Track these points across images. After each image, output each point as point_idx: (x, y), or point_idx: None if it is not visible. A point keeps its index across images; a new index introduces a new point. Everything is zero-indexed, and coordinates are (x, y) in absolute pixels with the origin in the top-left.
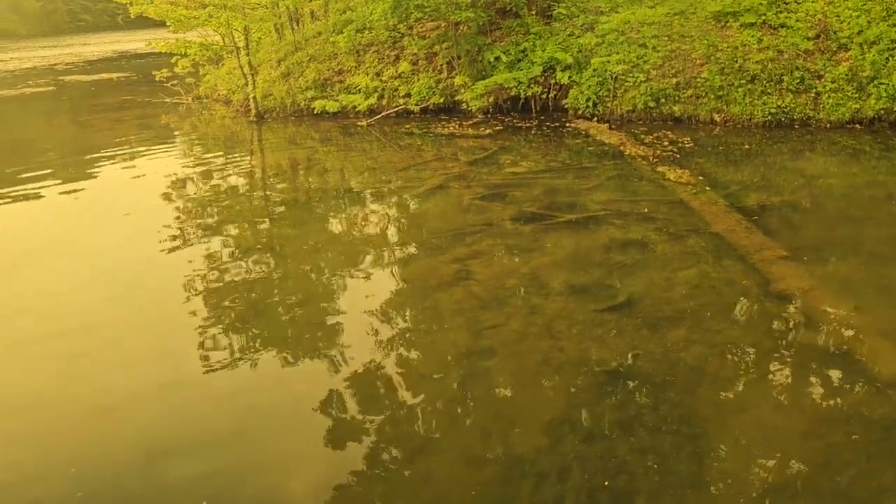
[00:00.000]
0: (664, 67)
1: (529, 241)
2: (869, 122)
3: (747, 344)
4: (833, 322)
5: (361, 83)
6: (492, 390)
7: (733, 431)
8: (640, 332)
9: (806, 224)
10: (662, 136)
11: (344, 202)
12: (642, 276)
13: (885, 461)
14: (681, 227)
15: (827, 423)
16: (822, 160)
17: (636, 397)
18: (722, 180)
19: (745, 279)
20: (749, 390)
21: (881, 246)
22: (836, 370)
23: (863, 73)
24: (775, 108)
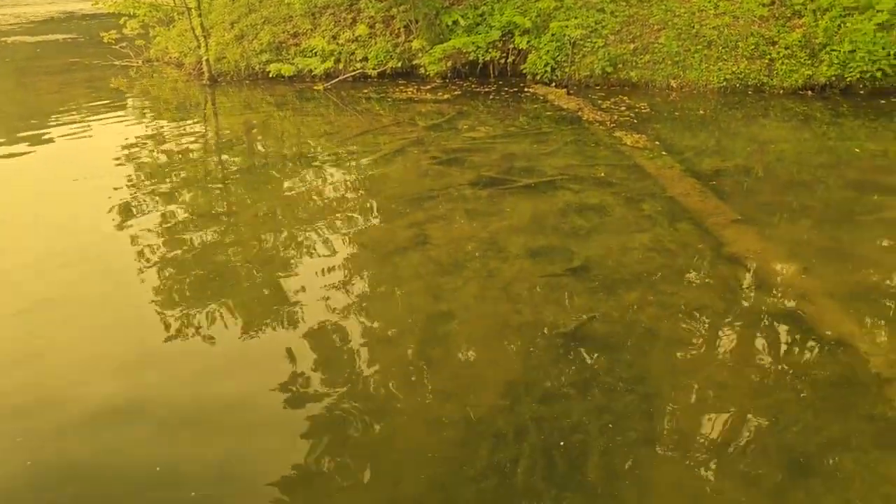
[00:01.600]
0: (622, 33)
1: (487, 205)
2: (820, 88)
3: (700, 305)
4: (783, 284)
5: (318, 46)
6: (450, 353)
7: (685, 390)
8: (596, 295)
9: (758, 188)
10: (620, 102)
11: (301, 167)
12: (599, 240)
13: (830, 416)
14: (637, 192)
15: (776, 381)
16: (774, 126)
17: (592, 359)
18: (678, 145)
19: (699, 242)
20: (701, 350)
21: (830, 210)
22: (785, 330)
23: (815, 39)
24: (730, 74)
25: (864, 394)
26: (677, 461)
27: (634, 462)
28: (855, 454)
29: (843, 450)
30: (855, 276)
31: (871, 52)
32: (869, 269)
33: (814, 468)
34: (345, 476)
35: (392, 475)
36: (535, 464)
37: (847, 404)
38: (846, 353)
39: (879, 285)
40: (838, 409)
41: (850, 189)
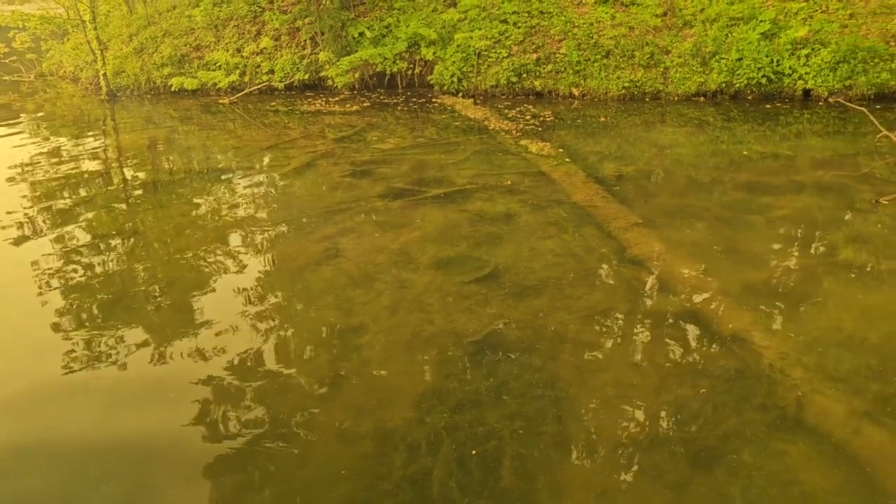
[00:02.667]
0: (525, 43)
1: (398, 216)
2: (712, 94)
3: (606, 308)
4: (682, 283)
5: (221, 59)
6: (364, 367)
7: (593, 391)
8: (506, 302)
9: (658, 192)
10: (525, 111)
11: (208, 183)
12: (508, 247)
13: (728, 410)
14: (543, 199)
15: (677, 377)
16: (671, 131)
17: (503, 365)
18: (581, 152)
19: (603, 246)
20: (608, 352)
21: (725, 210)
22: (685, 328)
23: (706, 48)
24: (628, 83)
25: (757, 385)
26: (587, 460)
27: (547, 464)
28: (752, 444)
29: (741, 440)
30: (748, 274)
31: (756, 60)
32: (761, 267)
33: (715, 460)
34: (257, 499)
35: (305, 495)
36: (450, 473)
37: (743, 396)
38: (741, 347)
39: (770, 281)
40: (735, 401)
41: (742, 190)
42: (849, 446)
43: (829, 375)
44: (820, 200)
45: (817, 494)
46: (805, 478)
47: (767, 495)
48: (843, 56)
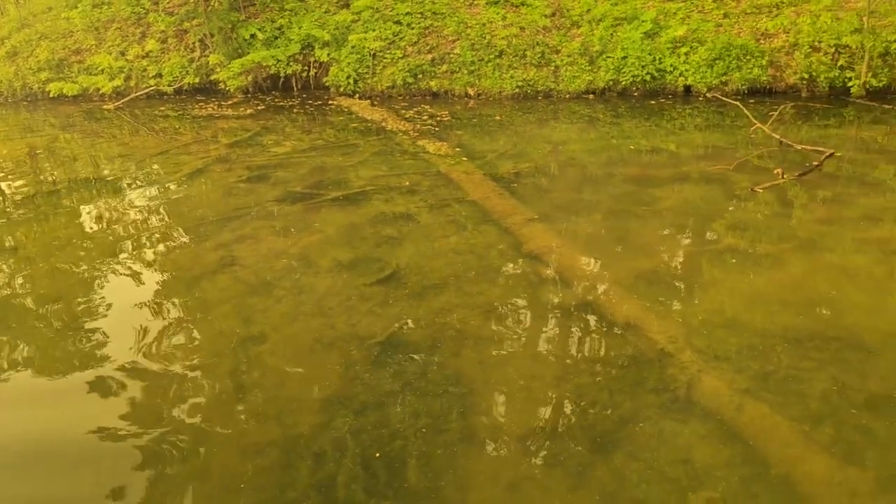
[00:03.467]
0: (419, 44)
1: (297, 221)
2: (601, 92)
3: (505, 303)
4: (578, 275)
5: (104, 63)
6: (265, 376)
7: (496, 385)
8: (407, 302)
9: (553, 187)
10: (422, 111)
11: (94, 192)
12: (408, 248)
13: (624, 395)
14: (442, 198)
15: (576, 366)
16: (564, 128)
17: (406, 365)
18: (478, 151)
19: (501, 243)
20: (509, 345)
21: (616, 203)
22: (582, 318)
23: (593, 48)
24: (521, 82)
25: (650, 370)
26: (492, 454)
27: (452, 461)
28: (647, 427)
29: (637, 424)
30: (639, 263)
31: (639, 59)
32: (651, 256)
33: (614, 444)
34: None
35: None
36: (355, 477)
37: (637, 381)
38: (634, 334)
39: (659, 270)
40: (630, 386)
41: (632, 184)
42: (734, 423)
43: (715, 356)
44: (702, 191)
45: (708, 471)
46: (697, 456)
47: (663, 475)
48: (719, 53)
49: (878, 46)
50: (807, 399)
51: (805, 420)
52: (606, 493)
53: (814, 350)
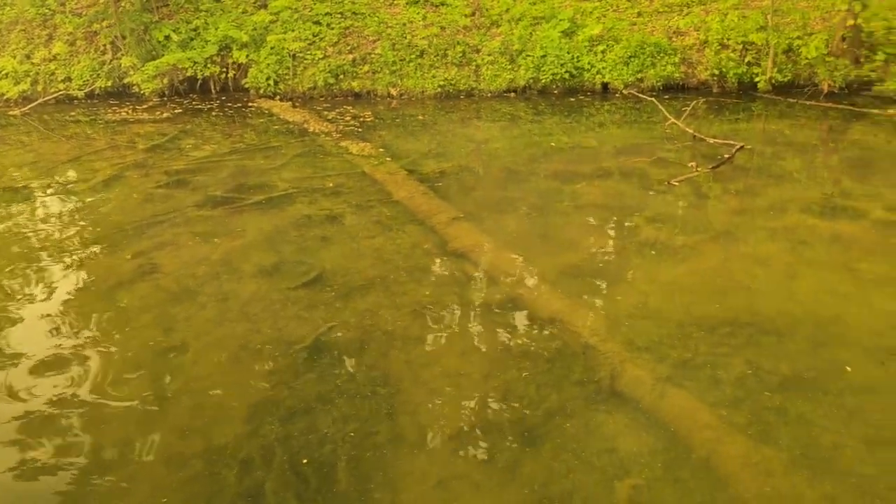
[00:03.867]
0: (340, 44)
1: (218, 226)
2: (522, 90)
3: (432, 302)
4: (503, 271)
5: (8, 67)
6: (190, 384)
7: (425, 385)
8: (334, 305)
9: (477, 185)
10: (345, 112)
11: (2, 202)
12: (333, 250)
13: (550, 389)
14: (366, 199)
15: (503, 362)
16: (487, 126)
17: (334, 369)
18: (401, 150)
19: (426, 242)
20: (436, 344)
21: (539, 199)
22: (508, 314)
23: (513, 46)
24: (443, 81)
25: (575, 363)
26: (422, 453)
27: (382, 462)
28: (574, 418)
29: (563, 416)
30: (562, 258)
31: (558, 57)
32: (573, 250)
33: (542, 437)
34: None
35: None
36: (285, 484)
37: (563, 375)
38: (559, 328)
39: (582, 264)
40: (556, 380)
41: (553, 180)
42: (656, 410)
43: (636, 347)
44: (622, 185)
45: (633, 458)
46: (622, 444)
47: (590, 465)
48: (634, 51)
49: (781, 43)
50: (724, 384)
51: (723, 404)
52: (536, 486)
53: (729, 336)
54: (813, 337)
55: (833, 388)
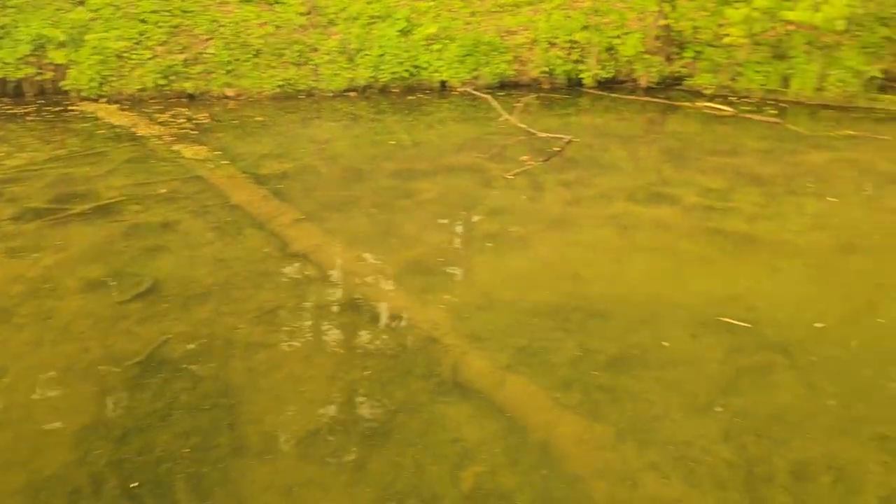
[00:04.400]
0: (170, 44)
1: (36, 240)
2: (362, 89)
3: (274, 306)
4: (346, 271)
5: None
6: (8, 413)
7: (268, 392)
8: (169, 316)
9: (319, 186)
10: (178, 114)
11: None
12: (167, 259)
13: (395, 385)
14: (202, 204)
15: (347, 363)
16: (328, 126)
17: (172, 382)
18: (240, 153)
19: (266, 246)
20: (279, 350)
21: (382, 197)
22: (351, 314)
23: (351, 45)
24: (282, 81)
25: (418, 357)
26: (267, 462)
27: (225, 475)
28: (419, 413)
29: (408, 412)
30: (404, 254)
31: (396, 56)
32: (414, 246)
33: (388, 434)
34: None
35: None
36: None
37: (406, 370)
38: (402, 323)
39: (423, 259)
40: (401, 376)
41: (395, 178)
42: (497, 398)
43: (476, 337)
44: (461, 181)
45: (477, 446)
46: (466, 434)
47: (436, 457)
48: (469, 50)
49: (603, 42)
50: (557, 367)
51: (556, 387)
52: (384, 484)
53: (562, 321)
54: (637, 316)
55: (654, 363)
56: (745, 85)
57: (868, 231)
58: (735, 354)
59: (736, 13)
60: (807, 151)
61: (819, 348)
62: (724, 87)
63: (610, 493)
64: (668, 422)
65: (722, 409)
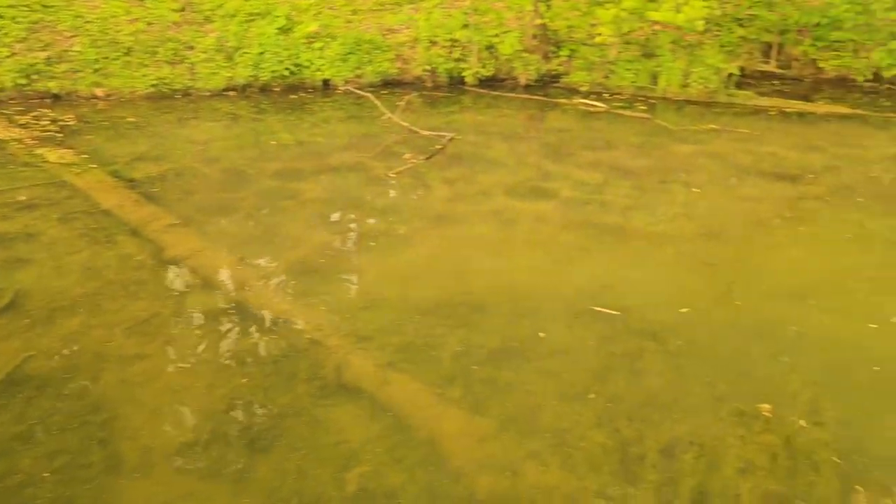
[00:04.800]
0: (30, 41)
1: None
2: (242, 88)
3: (149, 316)
4: (225, 276)
5: None
6: None
7: (144, 404)
8: (33, 331)
9: (196, 189)
10: (41, 115)
11: None
12: (30, 270)
13: (278, 391)
14: (68, 211)
15: (229, 370)
16: (207, 126)
17: (35, 402)
18: (110, 156)
19: (140, 253)
20: (155, 360)
21: (264, 199)
22: (232, 319)
23: (228, 43)
24: (156, 80)
25: (301, 361)
26: (143, 479)
27: (97, 496)
28: (303, 417)
29: (293, 417)
30: (286, 256)
31: (276, 54)
32: (297, 248)
33: (272, 441)
34: None
35: None
36: None
37: (290, 375)
38: (284, 327)
39: (307, 260)
40: (284, 381)
41: (277, 179)
42: (381, 397)
43: (360, 337)
44: (345, 180)
45: (362, 446)
46: (351, 436)
47: (320, 460)
48: (351, 48)
49: (482, 41)
50: (440, 363)
51: (439, 382)
52: (268, 492)
53: (445, 317)
54: (516, 309)
55: (533, 354)
56: (618, 82)
57: (728, 219)
58: (608, 342)
59: (606, 13)
60: (674, 145)
61: (685, 332)
62: (598, 85)
63: (492, 484)
64: (547, 410)
65: (596, 396)
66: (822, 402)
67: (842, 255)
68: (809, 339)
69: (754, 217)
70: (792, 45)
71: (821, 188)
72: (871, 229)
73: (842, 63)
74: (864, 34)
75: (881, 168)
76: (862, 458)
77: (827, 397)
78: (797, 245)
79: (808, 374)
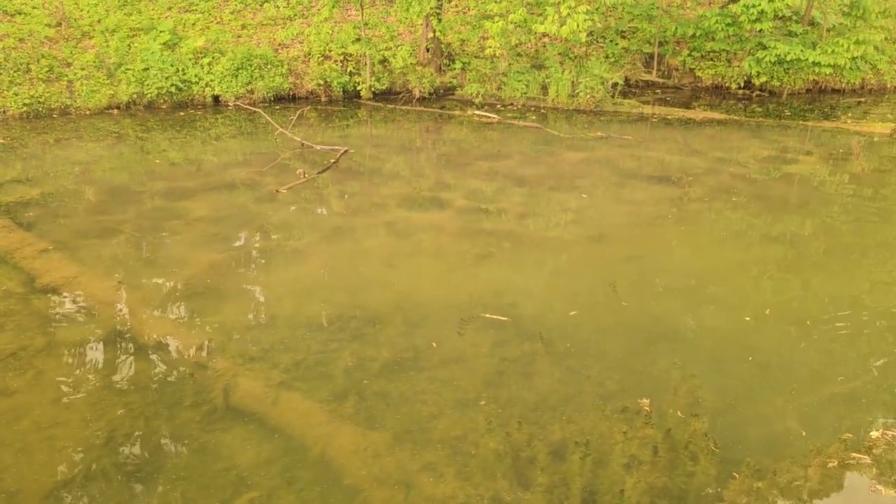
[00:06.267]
0: None
1: None
2: (125, 106)
3: (18, 348)
4: (102, 303)
5: None
6: None
7: (12, 443)
8: None
9: (74, 212)
10: None
11: None
12: None
13: (161, 419)
14: None
15: (107, 401)
16: (88, 146)
17: None
18: None
19: (9, 281)
20: (25, 396)
21: (145, 220)
22: (108, 348)
23: (109, 60)
24: (29, 99)
25: (186, 386)
26: None
27: None
28: (188, 444)
29: (176, 444)
30: (168, 279)
31: (162, 70)
32: (180, 269)
33: (153, 472)
34: None
35: None
36: None
37: (174, 401)
38: (166, 352)
39: (191, 281)
40: (167, 408)
41: (162, 198)
42: (272, 417)
43: (248, 357)
44: (234, 197)
45: (252, 471)
46: (241, 460)
47: (207, 488)
48: (241, 63)
49: (376, 55)
50: (332, 378)
51: (332, 399)
52: None
53: (337, 332)
54: (409, 320)
55: (426, 363)
56: (510, 93)
57: (616, 222)
58: (499, 348)
59: (494, 26)
60: (564, 152)
61: (574, 334)
62: (491, 96)
63: (387, 499)
64: (441, 420)
65: (488, 402)
66: (700, 393)
67: (721, 252)
68: (690, 334)
69: (640, 219)
70: (671, 55)
71: (701, 190)
72: (748, 227)
73: (717, 72)
74: (735, 44)
75: (755, 170)
76: (738, 444)
77: (704, 388)
78: (681, 244)
79: (687, 368)
